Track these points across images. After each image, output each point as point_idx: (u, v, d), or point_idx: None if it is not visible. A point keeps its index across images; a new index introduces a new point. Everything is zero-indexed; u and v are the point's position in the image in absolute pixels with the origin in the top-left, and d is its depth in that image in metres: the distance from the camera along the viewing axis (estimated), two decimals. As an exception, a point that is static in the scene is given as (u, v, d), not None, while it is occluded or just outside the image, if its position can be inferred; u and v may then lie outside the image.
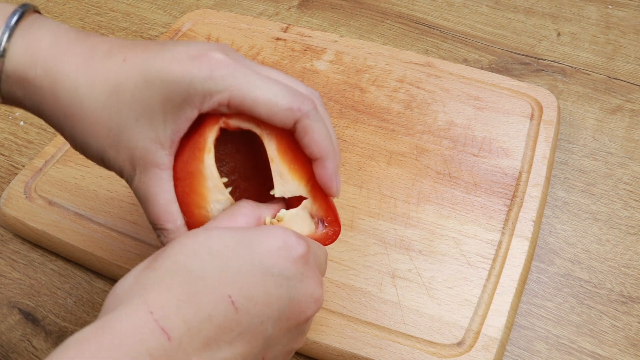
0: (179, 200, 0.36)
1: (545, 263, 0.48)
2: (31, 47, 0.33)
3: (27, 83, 0.33)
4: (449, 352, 0.41)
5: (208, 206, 0.36)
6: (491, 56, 0.66)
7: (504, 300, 0.43)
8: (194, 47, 0.34)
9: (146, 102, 0.33)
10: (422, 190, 0.50)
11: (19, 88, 0.34)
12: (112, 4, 0.75)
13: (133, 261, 0.46)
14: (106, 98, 0.33)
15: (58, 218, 0.49)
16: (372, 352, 0.41)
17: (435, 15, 0.72)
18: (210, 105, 0.33)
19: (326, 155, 0.36)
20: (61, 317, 0.46)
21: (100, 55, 0.34)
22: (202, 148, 0.36)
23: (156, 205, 0.35)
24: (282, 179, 0.37)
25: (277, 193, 0.37)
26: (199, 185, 0.36)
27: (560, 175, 0.54)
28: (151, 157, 0.34)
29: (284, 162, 0.37)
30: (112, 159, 0.34)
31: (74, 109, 0.33)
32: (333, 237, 0.38)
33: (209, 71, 0.33)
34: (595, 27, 0.69)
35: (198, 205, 0.36)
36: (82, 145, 0.35)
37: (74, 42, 0.34)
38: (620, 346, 0.43)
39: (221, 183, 0.36)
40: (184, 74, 0.33)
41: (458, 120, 0.55)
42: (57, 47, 0.34)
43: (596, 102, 0.60)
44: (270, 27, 0.66)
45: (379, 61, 0.61)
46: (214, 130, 0.36)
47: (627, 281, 0.47)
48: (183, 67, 0.33)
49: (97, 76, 0.33)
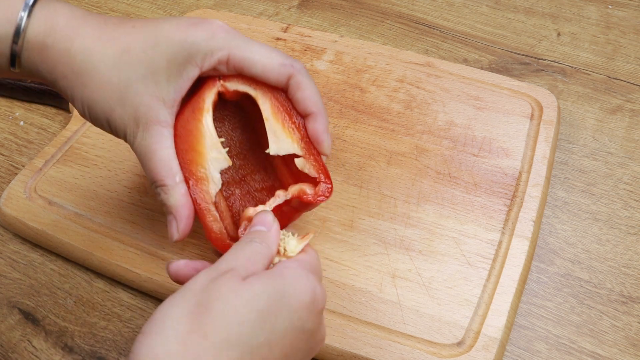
0: (178, 157, 0.37)
1: (545, 263, 0.48)
2: (50, 20, 0.37)
3: (46, 49, 0.37)
4: (449, 352, 0.41)
5: (206, 164, 0.38)
6: (491, 56, 0.66)
7: (504, 300, 0.43)
8: (196, 18, 0.39)
9: (152, 62, 0.36)
10: (422, 190, 0.50)
11: (37, 55, 0.37)
12: (112, 4, 0.75)
13: (133, 261, 0.46)
14: (116, 58, 0.37)
15: (58, 218, 0.49)
16: (372, 352, 0.41)
17: (435, 15, 0.72)
18: (211, 63, 0.37)
19: (318, 111, 0.39)
20: (61, 317, 0.46)
21: (112, 24, 0.38)
22: (201, 108, 0.38)
23: (156, 161, 0.37)
24: (276, 137, 0.39)
25: (272, 151, 0.39)
26: (197, 143, 0.38)
27: (560, 175, 0.54)
28: (154, 114, 0.36)
29: (277, 121, 0.39)
30: (117, 117, 0.37)
31: (87, 68, 0.37)
32: (327, 194, 0.39)
33: (211, 33, 0.37)
34: (595, 27, 0.69)
35: (196, 162, 0.38)
36: (90, 104, 0.37)
37: (88, 15, 0.38)
38: (620, 346, 0.43)
39: (219, 141, 0.38)
40: (188, 36, 0.37)
41: (458, 120, 0.55)
42: (73, 19, 0.37)
43: (596, 102, 0.60)
44: (270, 27, 0.66)
45: (379, 61, 0.61)
46: (213, 92, 0.39)
47: (627, 281, 0.47)
48: (187, 30, 0.37)
49: (109, 40, 0.37)
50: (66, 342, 0.45)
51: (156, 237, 0.48)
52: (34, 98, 0.62)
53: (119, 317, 0.46)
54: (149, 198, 0.51)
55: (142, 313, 0.46)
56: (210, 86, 0.39)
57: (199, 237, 0.48)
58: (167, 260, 0.46)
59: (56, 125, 0.61)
